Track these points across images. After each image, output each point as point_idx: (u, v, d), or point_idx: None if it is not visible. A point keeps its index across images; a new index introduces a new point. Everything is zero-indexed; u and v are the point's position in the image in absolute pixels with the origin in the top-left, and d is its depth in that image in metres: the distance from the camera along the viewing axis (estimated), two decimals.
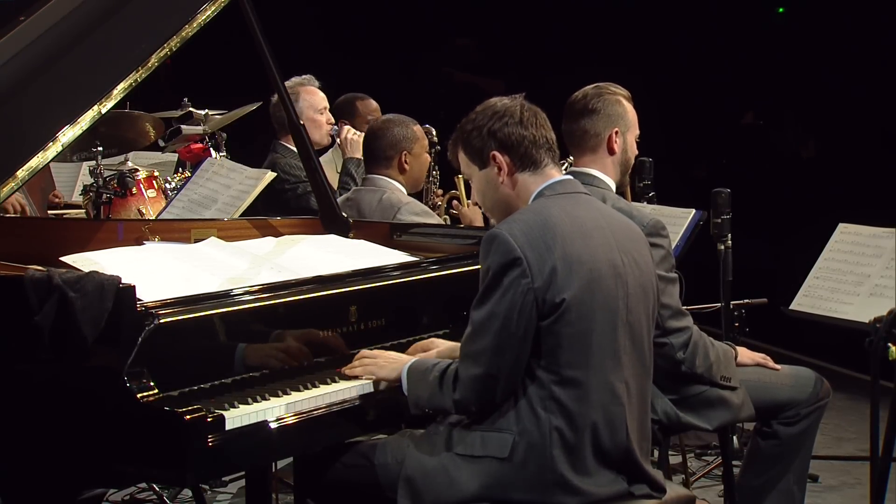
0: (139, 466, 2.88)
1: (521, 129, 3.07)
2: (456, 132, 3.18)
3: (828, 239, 4.21)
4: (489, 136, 3.08)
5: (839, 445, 5.65)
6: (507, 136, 3.07)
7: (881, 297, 3.94)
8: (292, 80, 5.39)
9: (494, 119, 3.08)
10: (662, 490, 3.07)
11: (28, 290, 2.87)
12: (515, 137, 3.07)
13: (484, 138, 3.08)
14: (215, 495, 4.87)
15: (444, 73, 9.46)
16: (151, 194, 5.44)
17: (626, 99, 3.83)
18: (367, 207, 4.60)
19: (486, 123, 3.08)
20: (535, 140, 3.08)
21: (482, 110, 3.12)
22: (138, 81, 3.51)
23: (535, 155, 3.08)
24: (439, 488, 2.97)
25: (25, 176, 3.29)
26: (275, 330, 3.17)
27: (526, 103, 3.13)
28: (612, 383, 2.96)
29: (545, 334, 2.91)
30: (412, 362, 3.13)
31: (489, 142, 3.08)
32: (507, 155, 3.07)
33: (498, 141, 3.07)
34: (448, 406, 2.99)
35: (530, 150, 3.07)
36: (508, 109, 3.09)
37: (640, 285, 3.06)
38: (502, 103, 3.11)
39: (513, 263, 2.90)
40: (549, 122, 3.14)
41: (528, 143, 3.07)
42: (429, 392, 3.03)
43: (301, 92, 5.38)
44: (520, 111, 3.09)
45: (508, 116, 3.08)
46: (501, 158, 3.08)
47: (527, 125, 3.07)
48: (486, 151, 3.09)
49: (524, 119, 3.08)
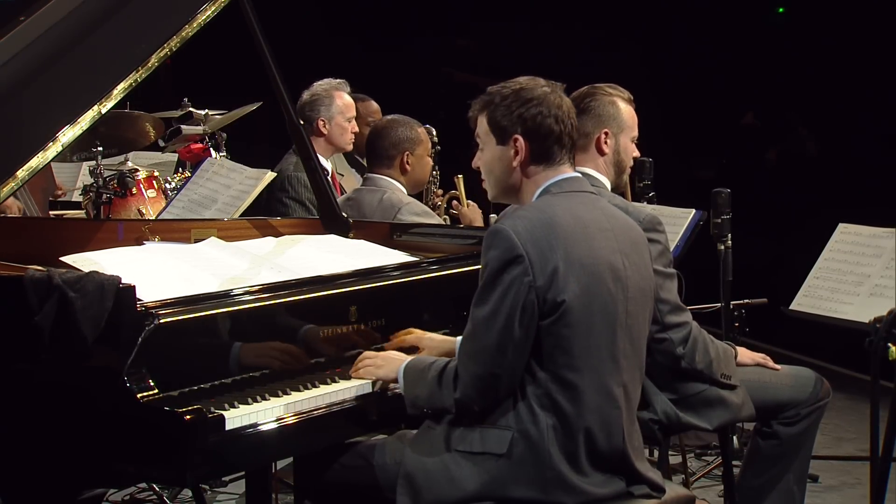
0: (139, 466, 2.87)
1: (551, 122, 3.04)
2: (486, 96, 3.11)
3: (828, 239, 4.21)
4: (518, 120, 3.04)
5: (839, 445, 5.65)
6: (537, 126, 3.04)
7: (881, 297, 3.94)
8: (326, 82, 5.37)
9: (529, 105, 3.04)
10: (661, 490, 3.07)
11: (28, 290, 2.86)
12: (544, 130, 3.04)
13: (513, 119, 3.04)
14: (215, 495, 4.87)
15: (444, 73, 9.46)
16: (151, 194, 5.45)
17: (623, 101, 3.81)
18: (367, 207, 4.61)
19: (518, 106, 3.04)
20: (560, 138, 3.05)
21: (519, 89, 3.07)
22: (138, 81, 3.50)
23: (554, 151, 3.05)
24: (439, 485, 2.96)
25: (25, 176, 3.29)
26: (275, 330, 3.17)
27: (563, 96, 3.09)
28: (610, 386, 2.95)
29: (545, 335, 2.91)
30: (408, 361, 3.12)
31: (517, 125, 3.04)
32: (530, 143, 3.05)
33: (525, 127, 3.04)
34: (448, 405, 2.98)
35: (552, 146, 3.05)
36: (545, 99, 3.04)
37: (640, 289, 3.05)
38: (541, 90, 3.06)
39: (514, 260, 2.90)
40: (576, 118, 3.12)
41: (553, 139, 3.05)
42: (427, 391, 3.02)
43: (335, 96, 5.33)
44: (556, 105, 3.05)
45: (544, 107, 3.04)
46: (523, 144, 3.05)
47: (558, 120, 3.04)
48: (509, 132, 3.05)
49: (558, 114, 3.05)
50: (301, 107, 5.29)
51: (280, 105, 3.95)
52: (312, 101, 5.31)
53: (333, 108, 5.29)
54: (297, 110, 5.32)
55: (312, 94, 5.33)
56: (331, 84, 5.37)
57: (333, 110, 5.29)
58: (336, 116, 5.29)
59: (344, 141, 5.34)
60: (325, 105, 5.27)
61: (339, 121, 5.30)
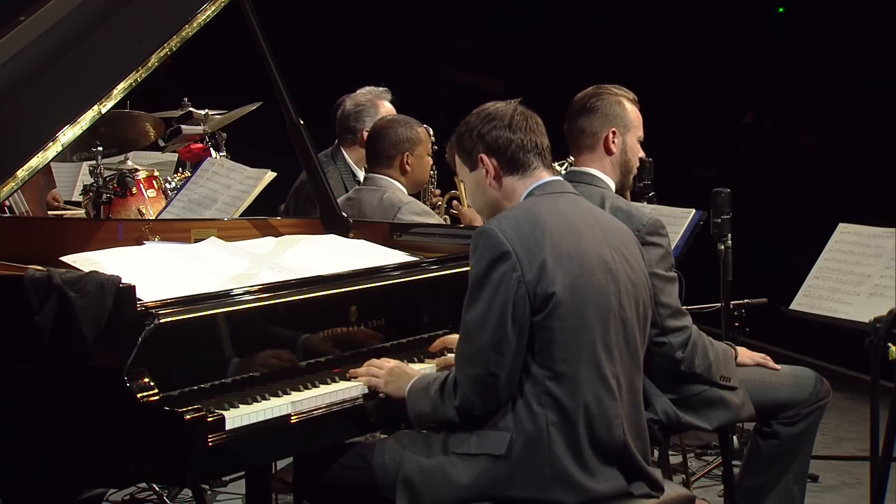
0: (139, 466, 2.88)
1: (508, 132, 3.11)
2: (454, 135, 3.22)
3: (827, 239, 4.21)
4: (478, 139, 3.13)
5: (839, 445, 5.66)
6: (494, 139, 3.11)
7: (881, 297, 3.94)
8: (368, 90, 5.28)
9: (484, 122, 3.13)
10: (661, 489, 3.07)
11: (28, 290, 2.87)
12: (502, 141, 3.11)
13: (473, 141, 3.14)
14: (215, 495, 4.87)
15: (444, 73, 9.46)
16: (151, 194, 5.45)
17: (628, 101, 3.83)
18: (367, 207, 4.61)
19: (477, 126, 3.14)
20: (522, 144, 3.11)
21: (476, 113, 3.17)
22: (138, 81, 3.50)
23: (522, 159, 3.11)
24: (438, 488, 2.97)
25: (25, 176, 3.28)
26: (275, 330, 3.17)
27: (520, 108, 3.16)
28: (606, 377, 2.96)
29: (538, 330, 2.92)
30: (413, 383, 3.12)
31: (478, 144, 3.13)
32: (494, 158, 3.12)
33: (486, 144, 3.12)
34: (451, 415, 2.98)
35: (517, 154, 3.10)
36: (499, 113, 3.14)
37: (631, 281, 3.07)
38: (495, 107, 3.16)
39: (502, 257, 2.91)
40: (542, 126, 3.17)
41: (515, 148, 3.10)
42: (431, 405, 3.03)
43: (379, 105, 5.25)
44: (510, 115, 3.13)
45: (498, 120, 3.12)
46: (488, 161, 3.12)
47: (515, 129, 3.11)
48: (474, 154, 3.14)
49: (513, 123, 3.11)
50: (345, 116, 5.22)
51: (280, 105, 3.95)
52: (357, 111, 5.21)
53: (376, 117, 5.08)
54: (339, 118, 5.28)
55: (357, 104, 5.24)
56: (374, 93, 5.29)
57: (375, 119, 5.05)
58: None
59: None
60: (371, 115, 5.14)
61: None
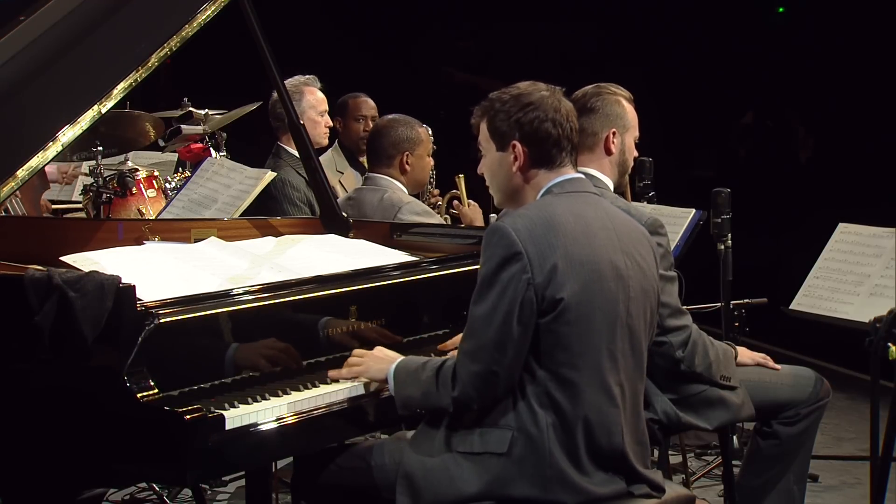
0: (139, 466, 2.88)
1: (549, 126, 3.04)
2: (486, 102, 3.12)
3: (828, 238, 4.21)
4: (515, 126, 3.04)
5: (839, 445, 5.66)
6: (533, 130, 3.04)
7: (881, 296, 3.94)
8: (295, 79, 5.36)
9: (525, 109, 3.04)
10: (661, 490, 3.07)
11: (28, 290, 2.86)
12: (542, 134, 3.04)
13: (511, 125, 3.05)
14: (215, 495, 4.87)
15: (444, 73, 9.46)
16: (151, 194, 5.45)
17: (626, 100, 3.82)
18: (368, 207, 4.61)
19: (516, 111, 3.05)
20: (558, 141, 3.05)
21: (517, 94, 3.07)
22: (138, 81, 3.50)
23: (554, 154, 3.05)
24: (439, 486, 2.96)
25: (25, 176, 3.28)
26: (275, 330, 3.17)
27: (562, 100, 3.09)
28: (608, 384, 2.95)
29: (544, 332, 2.90)
30: (398, 363, 3.10)
31: (514, 130, 3.05)
32: (528, 148, 3.05)
33: (523, 132, 3.04)
34: (446, 404, 2.97)
35: (551, 149, 3.05)
36: (542, 103, 3.05)
37: (642, 288, 3.04)
38: (539, 94, 3.06)
39: (513, 258, 2.89)
40: (576, 118, 3.11)
41: (551, 143, 3.04)
42: (422, 391, 3.01)
43: (304, 91, 5.34)
44: (553, 108, 3.05)
45: (540, 111, 3.04)
46: (521, 149, 3.05)
47: (556, 124, 3.04)
48: (507, 138, 3.06)
49: (555, 118, 3.04)
50: (272, 105, 5.30)
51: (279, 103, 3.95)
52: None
53: (304, 104, 5.27)
54: (269, 111, 5.36)
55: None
56: (298, 81, 5.36)
57: (304, 105, 5.27)
58: (307, 111, 5.28)
59: (317, 135, 5.31)
60: (295, 101, 5.23)
61: (310, 115, 5.29)
